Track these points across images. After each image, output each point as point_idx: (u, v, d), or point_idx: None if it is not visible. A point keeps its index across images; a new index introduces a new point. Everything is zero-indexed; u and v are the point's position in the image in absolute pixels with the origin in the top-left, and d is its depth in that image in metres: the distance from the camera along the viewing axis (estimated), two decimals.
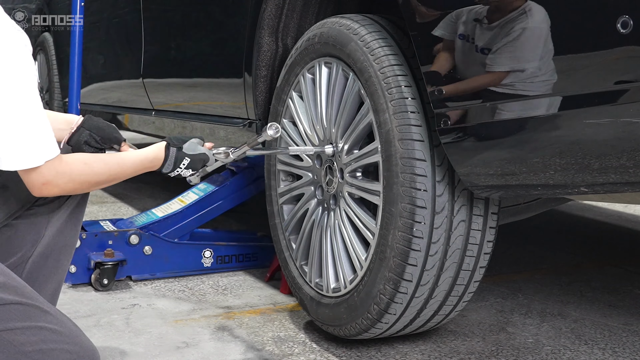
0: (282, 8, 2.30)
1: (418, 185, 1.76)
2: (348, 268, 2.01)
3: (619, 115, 1.35)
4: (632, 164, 1.37)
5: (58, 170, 1.41)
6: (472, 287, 1.95)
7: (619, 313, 2.40)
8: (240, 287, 2.62)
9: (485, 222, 1.87)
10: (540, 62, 1.45)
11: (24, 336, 1.39)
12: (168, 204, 2.83)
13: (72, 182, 1.45)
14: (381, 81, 1.83)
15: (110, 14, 3.68)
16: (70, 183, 1.45)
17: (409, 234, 1.78)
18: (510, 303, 2.48)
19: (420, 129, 1.78)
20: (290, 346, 2.08)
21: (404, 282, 1.83)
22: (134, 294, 2.51)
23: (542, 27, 1.45)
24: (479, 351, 2.07)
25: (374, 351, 2.05)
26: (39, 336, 1.40)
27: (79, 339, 1.47)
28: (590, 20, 1.37)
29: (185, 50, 2.99)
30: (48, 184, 1.40)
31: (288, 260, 2.28)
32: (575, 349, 2.10)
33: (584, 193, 1.55)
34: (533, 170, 1.55)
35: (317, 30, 2.09)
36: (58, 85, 4.65)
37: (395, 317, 1.91)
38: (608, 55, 1.35)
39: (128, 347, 2.05)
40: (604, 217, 3.97)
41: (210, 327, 2.22)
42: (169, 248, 2.68)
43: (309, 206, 2.17)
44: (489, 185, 1.67)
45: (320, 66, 2.09)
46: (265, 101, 2.42)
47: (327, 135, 2.07)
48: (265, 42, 2.35)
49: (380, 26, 1.92)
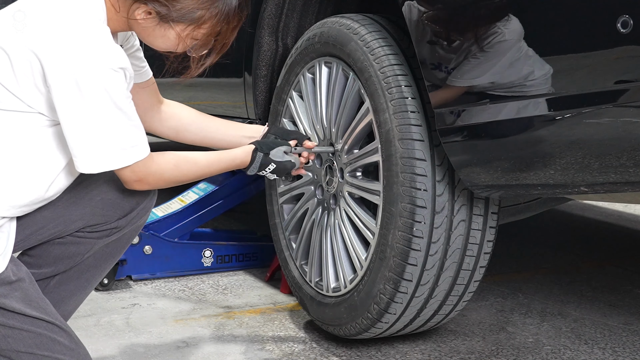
0: (282, 8, 2.30)
1: (418, 185, 1.77)
2: (348, 268, 2.01)
3: (619, 115, 1.35)
4: (632, 164, 1.37)
5: (150, 170, 1.51)
6: (472, 286, 1.95)
7: (619, 313, 2.40)
8: (241, 286, 2.62)
9: (485, 221, 1.87)
10: (540, 62, 1.45)
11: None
12: (168, 204, 2.83)
13: (162, 180, 1.55)
14: (381, 81, 1.83)
15: None
16: (161, 181, 1.55)
17: (409, 233, 1.78)
18: (510, 303, 2.48)
19: (420, 128, 1.78)
20: (290, 346, 2.08)
21: (404, 281, 1.83)
22: (134, 293, 2.51)
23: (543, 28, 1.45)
24: (479, 351, 2.07)
25: (374, 350, 2.06)
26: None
27: (79, 353, 1.52)
28: (590, 20, 1.37)
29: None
30: (140, 181, 1.51)
31: (288, 260, 2.28)
32: (576, 349, 2.10)
33: (584, 193, 1.55)
34: (533, 170, 1.55)
35: (317, 30, 2.09)
36: None
37: (395, 316, 1.91)
38: (608, 55, 1.35)
39: (128, 347, 2.05)
40: (604, 217, 3.97)
41: (211, 326, 2.22)
42: (169, 247, 2.68)
43: (309, 206, 2.17)
44: (489, 185, 1.67)
45: (320, 66, 2.09)
46: (265, 101, 2.42)
47: (327, 135, 2.07)
48: (265, 42, 2.35)
49: (380, 26, 1.92)
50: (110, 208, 1.59)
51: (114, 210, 1.59)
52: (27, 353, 1.47)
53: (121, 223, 1.61)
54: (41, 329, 1.48)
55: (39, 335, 1.48)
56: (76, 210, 1.57)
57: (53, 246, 1.59)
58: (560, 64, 1.43)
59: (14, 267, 1.48)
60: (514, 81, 1.51)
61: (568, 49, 1.42)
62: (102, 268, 1.68)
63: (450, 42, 1.65)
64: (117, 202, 1.59)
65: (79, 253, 1.60)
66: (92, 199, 1.58)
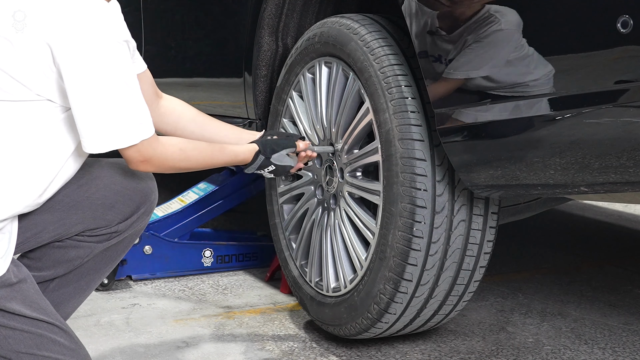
0: (282, 8, 2.30)
1: (418, 184, 1.77)
2: (348, 268, 2.01)
3: (619, 115, 1.35)
4: (632, 164, 1.37)
5: (156, 151, 1.51)
6: (472, 286, 1.95)
7: (619, 313, 2.40)
8: (241, 286, 2.62)
9: (485, 221, 1.87)
10: (540, 62, 1.45)
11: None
12: (168, 204, 2.83)
13: (167, 163, 1.55)
14: (381, 81, 1.83)
15: None
16: (166, 164, 1.55)
17: (409, 233, 1.78)
18: (510, 303, 2.48)
19: (420, 128, 1.78)
20: (290, 346, 2.08)
21: (404, 281, 1.83)
22: (134, 293, 2.51)
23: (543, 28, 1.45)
24: (479, 351, 2.07)
25: (374, 350, 2.06)
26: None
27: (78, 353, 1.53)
28: (590, 20, 1.37)
29: (186, 50, 2.99)
30: (145, 162, 1.51)
31: (288, 260, 2.28)
32: (575, 349, 2.10)
33: (584, 192, 1.55)
34: (533, 170, 1.55)
35: (317, 30, 2.09)
36: None
37: (395, 316, 1.91)
38: (608, 55, 1.35)
39: (128, 347, 2.05)
40: (604, 217, 3.97)
41: (210, 326, 2.22)
42: (169, 247, 2.68)
43: (309, 206, 2.17)
44: (489, 185, 1.67)
45: (320, 66, 2.09)
46: (265, 101, 2.42)
47: (327, 135, 2.07)
48: (265, 42, 2.35)
49: (380, 26, 1.92)
50: (111, 212, 1.58)
51: (114, 214, 1.59)
52: (27, 354, 1.47)
53: (121, 227, 1.60)
54: (42, 330, 1.48)
55: (39, 336, 1.47)
56: (76, 213, 1.56)
57: (53, 249, 1.58)
58: (560, 63, 1.43)
59: (15, 268, 1.48)
60: (514, 81, 1.51)
61: (568, 49, 1.41)
62: (102, 271, 1.67)
63: (451, 41, 1.65)
64: (118, 206, 1.59)
65: (78, 257, 1.60)
66: (93, 203, 1.57)
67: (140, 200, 1.62)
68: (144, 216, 1.64)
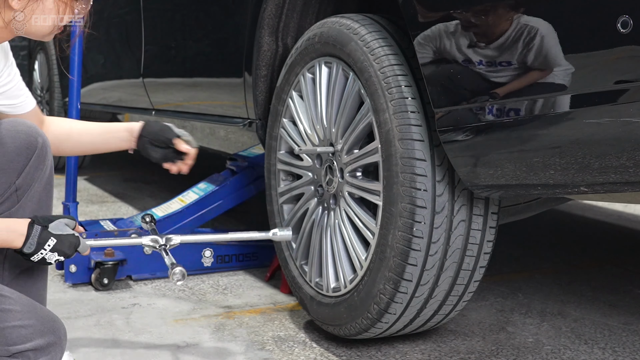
0: (282, 8, 2.30)
1: (418, 185, 1.77)
2: (348, 268, 2.01)
3: (619, 115, 1.35)
4: (632, 164, 1.37)
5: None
6: (472, 286, 1.95)
7: (619, 312, 2.40)
8: (241, 286, 2.62)
9: (485, 221, 1.87)
10: (539, 63, 1.45)
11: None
12: (168, 204, 2.83)
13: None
14: (381, 81, 1.83)
15: (110, 14, 3.68)
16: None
17: (409, 233, 1.78)
18: (510, 302, 2.48)
19: (420, 128, 1.78)
20: (290, 346, 2.08)
21: (404, 281, 1.83)
22: (134, 293, 2.51)
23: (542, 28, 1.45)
24: (479, 350, 2.07)
25: (374, 350, 2.06)
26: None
27: (35, 312, 1.47)
28: (590, 20, 1.37)
29: (186, 50, 2.99)
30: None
31: (288, 260, 2.28)
32: (575, 349, 2.10)
33: (584, 193, 1.55)
34: (533, 170, 1.55)
35: (317, 30, 2.09)
36: (58, 84, 4.65)
37: (395, 316, 1.91)
38: (608, 55, 1.35)
39: (128, 347, 2.05)
40: (604, 217, 3.97)
41: (211, 326, 2.22)
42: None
43: (309, 206, 2.17)
44: (489, 185, 1.67)
45: (320, 66, 2.09)
46: (265, 101, 2.42)
47: (327, 135, 2.07)
48: (265, 42, 2.35)
49: (380, 26, 1.92)
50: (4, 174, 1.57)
51: (8, 175, 1.57)
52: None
53: (20, 181, 1.58)
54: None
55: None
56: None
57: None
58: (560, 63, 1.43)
59: None
60: (513, 81, 1.51)
61: (568, 49, 1.41)
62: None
63: (451, 41, 1.64)
64: (7, 165, 1.58)
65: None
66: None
67: (27, 149, 1.60)
68: (39, 161, 1.62)
